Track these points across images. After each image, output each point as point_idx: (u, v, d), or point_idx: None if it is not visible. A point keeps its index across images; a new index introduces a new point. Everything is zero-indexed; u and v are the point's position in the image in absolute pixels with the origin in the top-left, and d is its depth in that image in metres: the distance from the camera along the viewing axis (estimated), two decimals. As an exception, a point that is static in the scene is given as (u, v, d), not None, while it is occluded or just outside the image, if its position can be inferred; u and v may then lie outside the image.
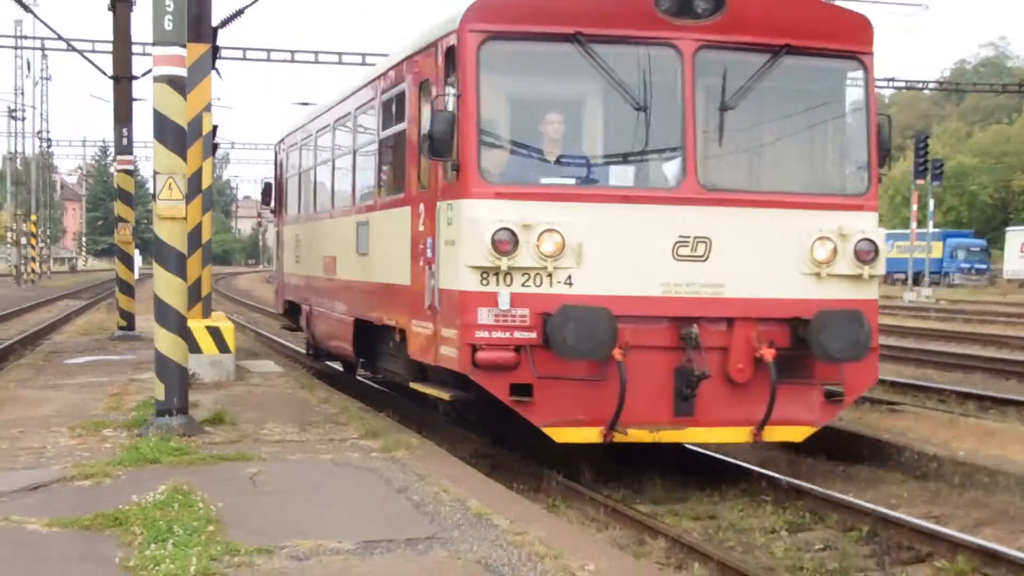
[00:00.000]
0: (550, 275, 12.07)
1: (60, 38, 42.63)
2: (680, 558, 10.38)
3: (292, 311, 25.67)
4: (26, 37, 63.51)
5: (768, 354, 12.18)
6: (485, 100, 12.51)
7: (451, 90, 12.50)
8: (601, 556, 8.75)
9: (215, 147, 24.67)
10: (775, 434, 13.05)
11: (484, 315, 12.10)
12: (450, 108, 12.24)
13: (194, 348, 17.19)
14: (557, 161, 13.39)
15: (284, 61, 51.28)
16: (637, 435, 12.24)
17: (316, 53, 51.55)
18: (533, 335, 12.09)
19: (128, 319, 29.09)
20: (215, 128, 22.59)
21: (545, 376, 11.98)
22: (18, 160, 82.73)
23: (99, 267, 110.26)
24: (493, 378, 12.13)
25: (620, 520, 11.62)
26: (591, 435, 12.25)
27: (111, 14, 29.90)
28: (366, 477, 11.38)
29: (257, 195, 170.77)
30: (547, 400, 12.11)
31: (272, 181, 27.81)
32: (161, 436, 12.83)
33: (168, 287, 13.77)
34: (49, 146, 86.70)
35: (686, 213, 12.51)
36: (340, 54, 50.58)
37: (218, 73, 23.11)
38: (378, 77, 17.20)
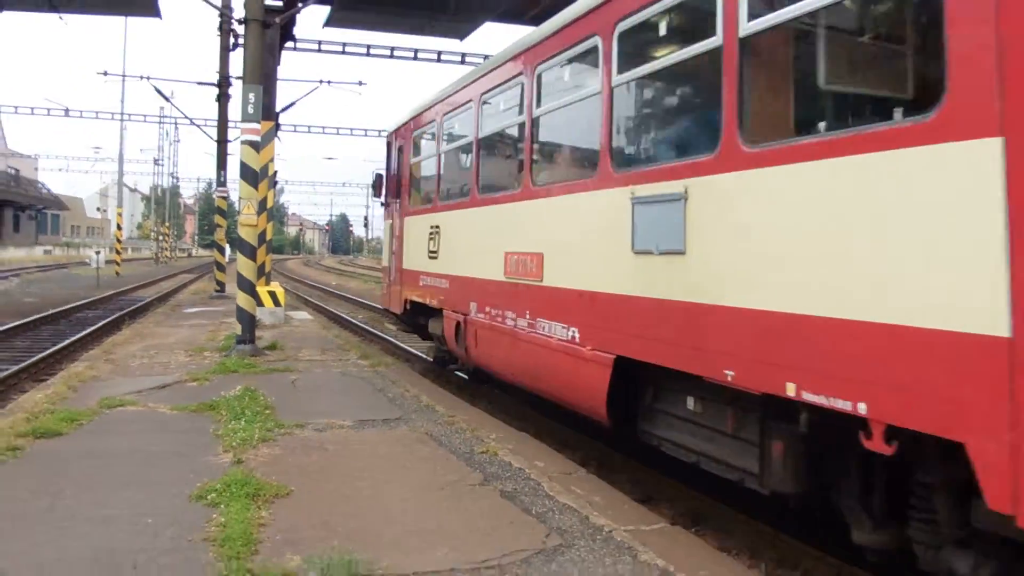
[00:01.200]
0: None
1: (186, 117, 41.87)
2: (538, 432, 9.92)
3: (415, 313, 13.14)
4: (166, 116, 63.77)
5: None
6: None
7: None
8: (504, 430, 8.89)
9: (275, 183, 24.39)
10: None
11: None
12: None
13: (259, 303, 16.89)
14: None
15: (318, 133, 50.98)
16: None
17: (337, 128, 51.39)
18: None
19: (220, 286, 29.10)
20: (275, 172, 22.52)
21: None
22: (158, 190, 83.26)
23: (205, 254, 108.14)
24: None
25: (513, 408, 10.88)
26: None
27: (216, 104, 30.11)
28: (360, 383, 11.24)
29: (300, 211, 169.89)
30: None
31: (383, 173, 15.66)
32: (239, 356, 12.98)
33: (244, 266, 13.81)
34: (177, 181, 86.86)
35: None
36: (351, 129, 50.47)
37: (279, 139, 22.87)
38: None
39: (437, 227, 11.74)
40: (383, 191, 15.43)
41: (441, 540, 5.25)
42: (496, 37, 64.23)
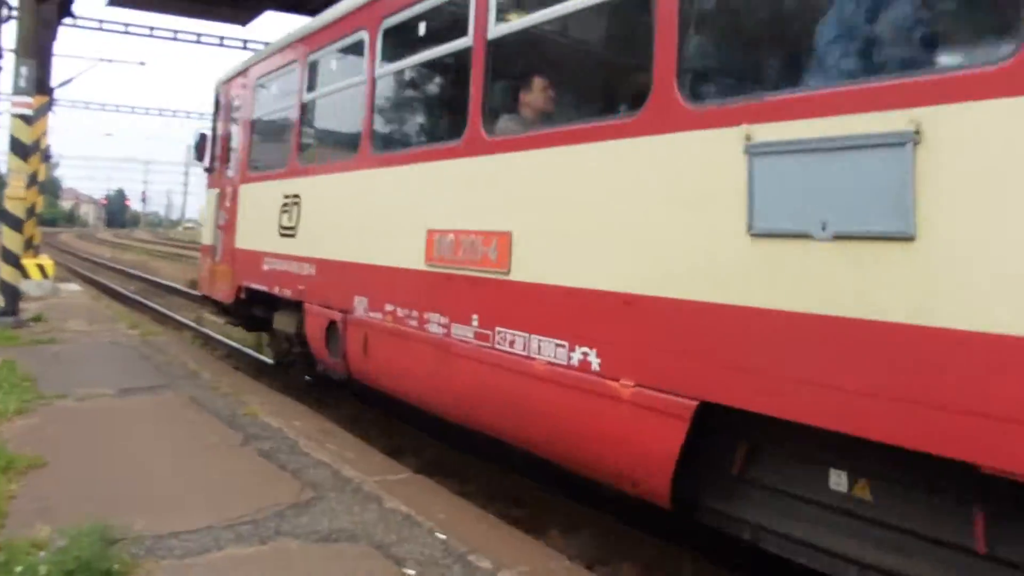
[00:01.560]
0: None
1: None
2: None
3: (250, 303, 9.71)
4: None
5: None
6: None
7: None
8: (265, 393, 8.42)
9: (49, 157, 21.89)
10: None
11: None
12: None
13: (27, 275, 15.12)
14: None
15: (98, 109, 46.62)
16: None
17: (118, 106, 47.39)
18: None
19: (-16, 258, 25.46)
20: (48, 146, 20.12)
21: None
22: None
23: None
24: None
25: (277, 373, 10.29)
26: None
27: (-12, 77, 26.57)
28: (128, 352, 10.23)
29: (77, 185, 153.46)
30: None
31: (209, 133, 11.29)
32: (0, 329, 11.23)
33: (10, 239, 12.42)
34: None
35: None
36: (132, 107, 46.76)
37: (54, 112, 20.50)
38: None
39: (296, 196, 8.22)
40: (208, 154, 11.22)
41: (200, 500, 4.89)
42: (279, 26, 61.18)
